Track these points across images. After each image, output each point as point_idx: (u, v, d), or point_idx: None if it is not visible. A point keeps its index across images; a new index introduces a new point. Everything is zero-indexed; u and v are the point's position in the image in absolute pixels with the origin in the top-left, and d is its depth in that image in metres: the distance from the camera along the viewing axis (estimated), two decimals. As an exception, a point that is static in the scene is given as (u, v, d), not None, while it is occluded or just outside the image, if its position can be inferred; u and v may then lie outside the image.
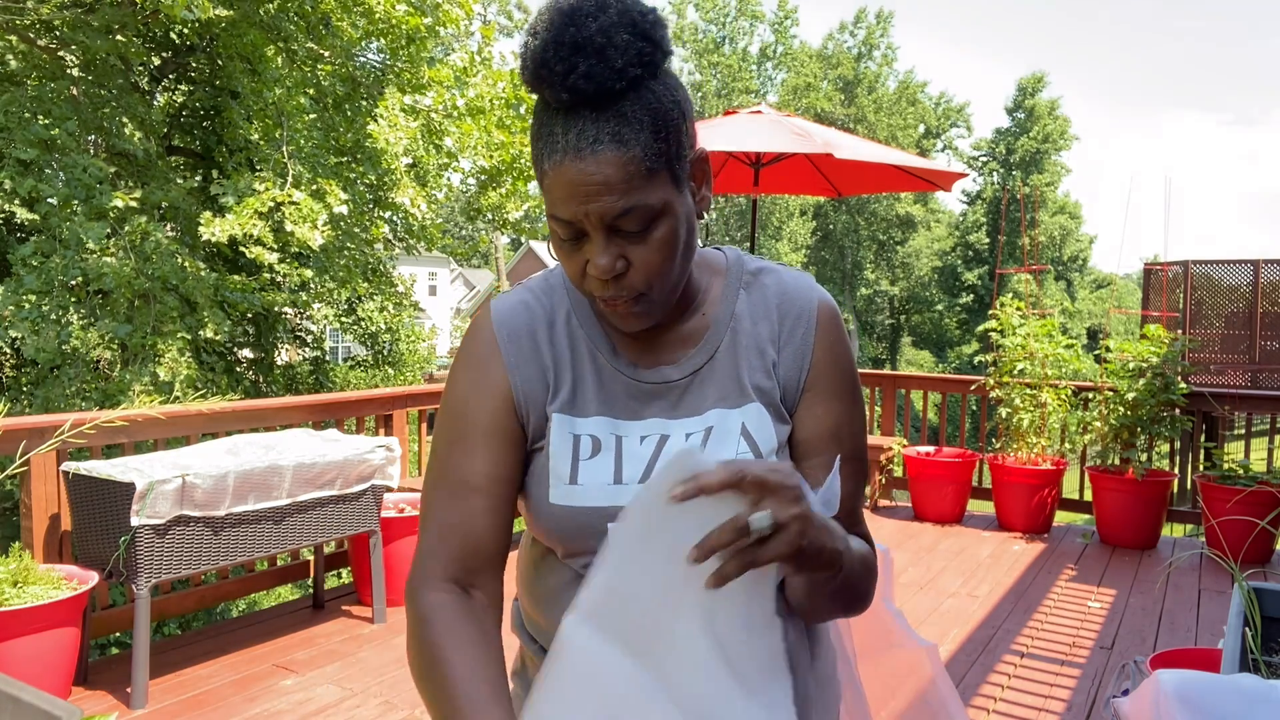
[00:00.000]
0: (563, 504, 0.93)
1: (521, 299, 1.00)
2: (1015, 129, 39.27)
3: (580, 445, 0.94)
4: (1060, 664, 3.48)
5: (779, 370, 0.98)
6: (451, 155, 9.50)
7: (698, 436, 0.94)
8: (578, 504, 0.92)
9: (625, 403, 0.96)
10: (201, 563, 3.06)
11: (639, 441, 0.94)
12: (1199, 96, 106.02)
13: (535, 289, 1.01)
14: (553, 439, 0.94)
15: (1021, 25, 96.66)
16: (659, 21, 0.83)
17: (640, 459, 0.93)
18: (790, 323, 0.98)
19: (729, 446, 0.94)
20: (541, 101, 0.85)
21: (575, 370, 0.97)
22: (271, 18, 7.74)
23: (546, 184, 0.85)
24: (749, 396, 0.96)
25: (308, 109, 8.04)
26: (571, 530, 0.93)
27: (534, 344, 0.97)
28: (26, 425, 3.10)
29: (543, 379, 0.96)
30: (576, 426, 0.95)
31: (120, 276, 6.82)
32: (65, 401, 7.20)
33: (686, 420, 0.95)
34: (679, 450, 0.78)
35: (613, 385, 0.96)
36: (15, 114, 6.91)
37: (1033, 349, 5.58)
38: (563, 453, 0.94)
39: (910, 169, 5.61)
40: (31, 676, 2.67)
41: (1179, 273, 9.11)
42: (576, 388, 0.96)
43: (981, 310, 35.26)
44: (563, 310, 0.99)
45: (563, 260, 0.90)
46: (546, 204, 0.87)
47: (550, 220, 0.87)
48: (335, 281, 8.95)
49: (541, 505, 0.94)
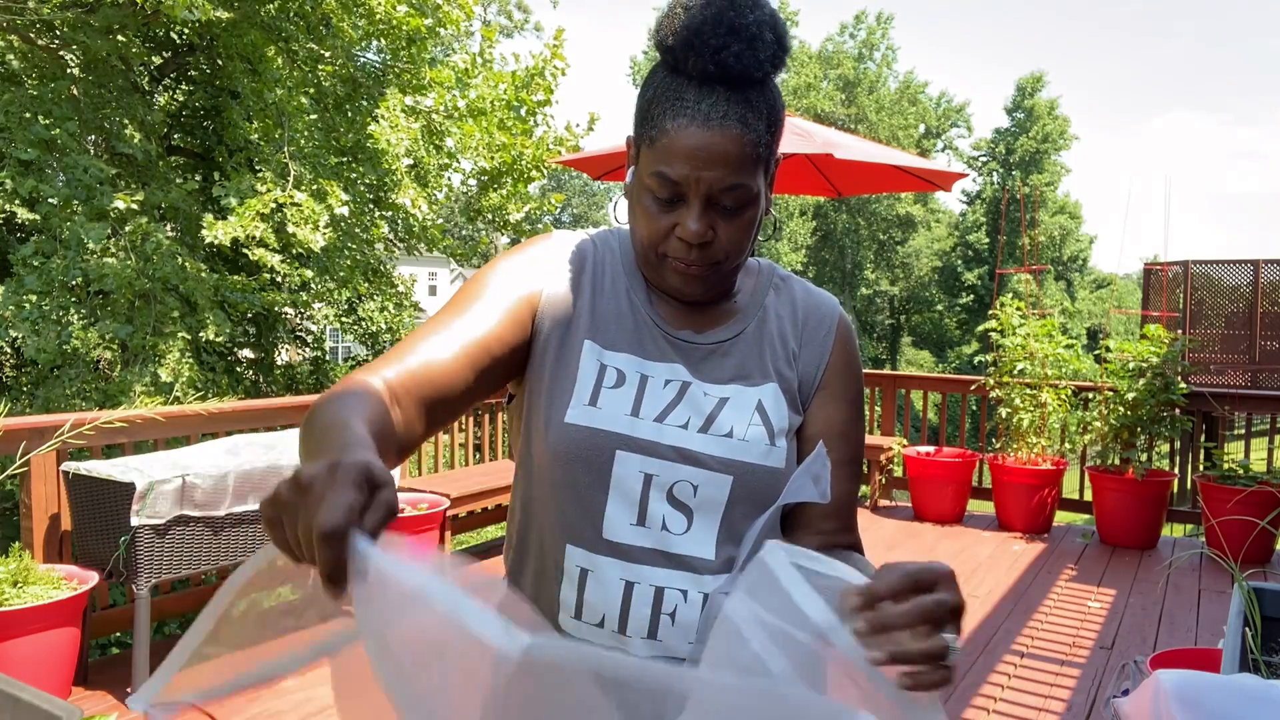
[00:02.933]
0: (578, 423, 0.93)
1: (582, 236, 1.06)
2: (1015, 129, 39.26)
3: (605, 374, 0.96)
4: (1060, 664, 3.48)
5: (799, 363, 1.04)
6: (452, 156, 9.50)
7: (714, 399, 0.98)
8: (593, 425, 0.93)
9: (653, 346, 0.99)
10: (201, 563, 3.06)
11: (663, 384, 0.97)
12: (1199, 96, 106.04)
13: (593, 236, 1.06)
14: (582, 364, 0.96)
15: (1021, 25, 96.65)
16: (788, 30, 0.92)
17: (661, 399, 0.96)
18: (814, 324, 1.06)
19: (743, 419, 0.97)
20: (669, 66, 0.91)
21: (615, 308, 1.00)
22: (272, 18, 7.75)
23: (663, 142, 0.90)
24: (769, 377, 1.01)
25: (308, 109, 8.04)
26: (578, 449, 0.93)
27: (581, 271, 1.01)
28: (27, 425, 3.10)
29: (575, 304, 0.99)
30: (605, 357, 0.97)
31: (121, 277, 6.82)
32: (66, 402, 7.20)
33: (707, 384, 0.99)
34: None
35: (644, 330, 1.00)
36: (16, 114, 6.91)
37: (1033, 349, 5.58)
38: (589, 378, 0.95)
39: (910, 169, 5.61)
40: (31, 676, 2.67)
41: (1179, 273, 9.11)
42: (612, 323, 0.99)
43: (981, 310, 35.25)
44: (612, 259, 1.04)
45: (644, 218, 0.94)
46: (651, 160, 0.91)
47: (650, 177, 0.91)
48: (336, 282, 8.95)
49: (554, 421, 0.94)
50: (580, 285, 1.00)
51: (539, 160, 9.50)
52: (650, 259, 0.96)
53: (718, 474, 0.95)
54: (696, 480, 0.94)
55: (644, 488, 0.94)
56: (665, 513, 0.94)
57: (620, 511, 0.93)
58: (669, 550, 0.94)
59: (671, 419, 0.95)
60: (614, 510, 0.93)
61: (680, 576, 0.94)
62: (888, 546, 5.13)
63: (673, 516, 0.94)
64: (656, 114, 0.90)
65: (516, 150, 9.32)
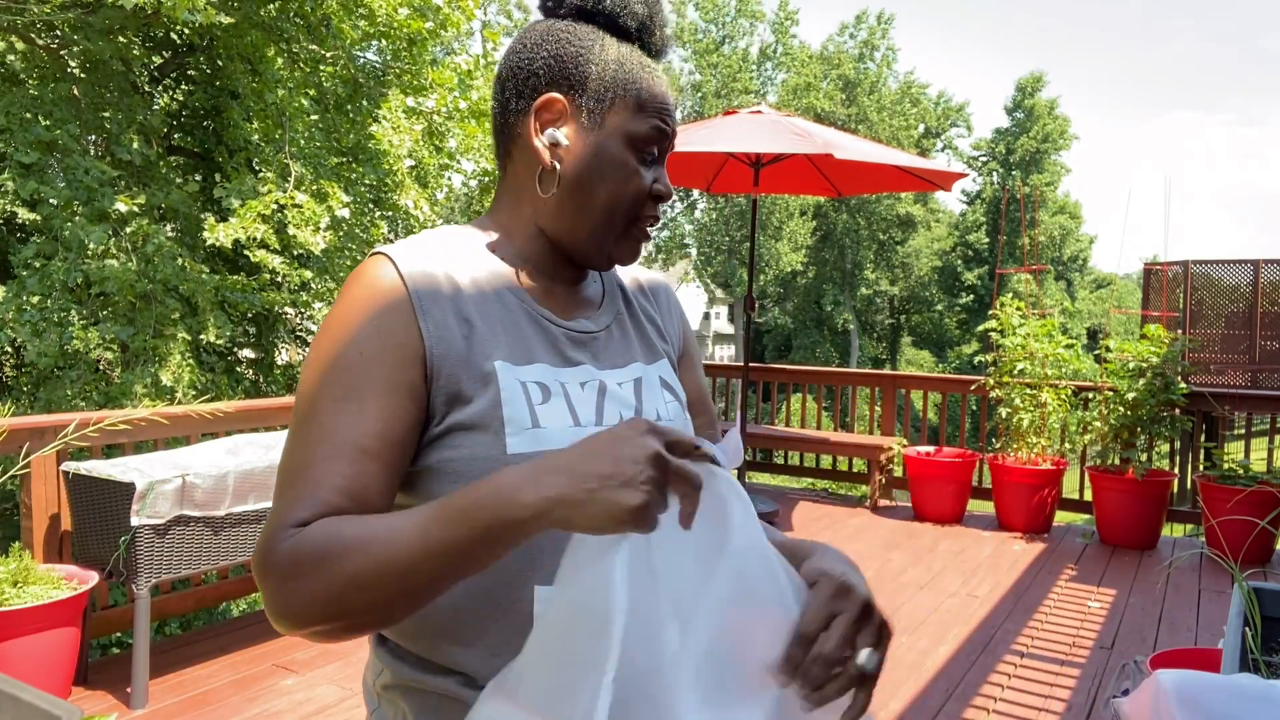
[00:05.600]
0: (527, 450, 0.84)
1: (420, 249, 0.90)
2: (1015, 129, 39.26)
3: (530, 391, 0.87)
4: (1060, 664, 3.48)
5: (667, 334, 1.07)
6: (452, 156, 9.50)
7: (629, 386, 0.96)
8: (544, 448, 0.84)
9: (558, 351, 0.93)
10: (201, 562, 3.06)
11: (580, 387, 0.92)
12: (1199, 96, 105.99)
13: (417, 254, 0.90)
14: (504, 389, 0.86)
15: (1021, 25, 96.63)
16: None
17: (588, 403, 0.91)
18: (662, 295, 1.10)
19: (656, 396, 0.98)
20: (616, 34, 0.95)
21: (504, 318, 0.90)
22: (273, 19, 7.74)
23: (647, 99, 0.93)
24: (658, 354, 1.03)
25: (309, 110, 8.04)
26: None
27: (451, 291, 0.88)
28: (27, 425, 3.10)
29: (462, 327, 0.87)
30: (520, 374, 0.88)
31: (122, 279, 6.82)
32: (67, 403, 7.20)
33: (613, 371, 0.96)
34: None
35: (546, 334, 0.93)
36: (16, 115, 6.91)
37: (1033, 349, 5.58)
38: (516, 400, 0.86)
39: (910, 169, 5.61)
40: (31, 676, 2.67)
41: (1179, 273, 9.11)
42: (509, 336, 0.90)
43: (981, 310, 35.25)
44: (473, 261, 0.92)
45: (629, 178, 0.92)
46: (637, 118, 0.92)
47: (638, 135, 0.92)
48: (336, 282, 8.95)
49: (496, 462, 0.83)
50: (457, 299, 0.88)
51: (539, 160, 9.50)
52: (618, 224, 0.93)
53: None
54: None
55: None
56: None
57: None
58: None
59: (607, 417, 0.92)
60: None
61: None
62: (887, 547, 5.13)
63: None
64: (630, 74, 0.92)
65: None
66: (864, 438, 6.44)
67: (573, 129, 0.92)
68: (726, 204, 35.14)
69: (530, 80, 0.92)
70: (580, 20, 0.94)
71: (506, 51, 0.96)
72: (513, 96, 0.94)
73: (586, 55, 0.91)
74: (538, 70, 0.92)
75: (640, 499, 0.65)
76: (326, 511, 0.77)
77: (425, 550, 0.70)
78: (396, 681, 0.88)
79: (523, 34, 0.96)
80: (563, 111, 0.91)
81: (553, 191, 0.92)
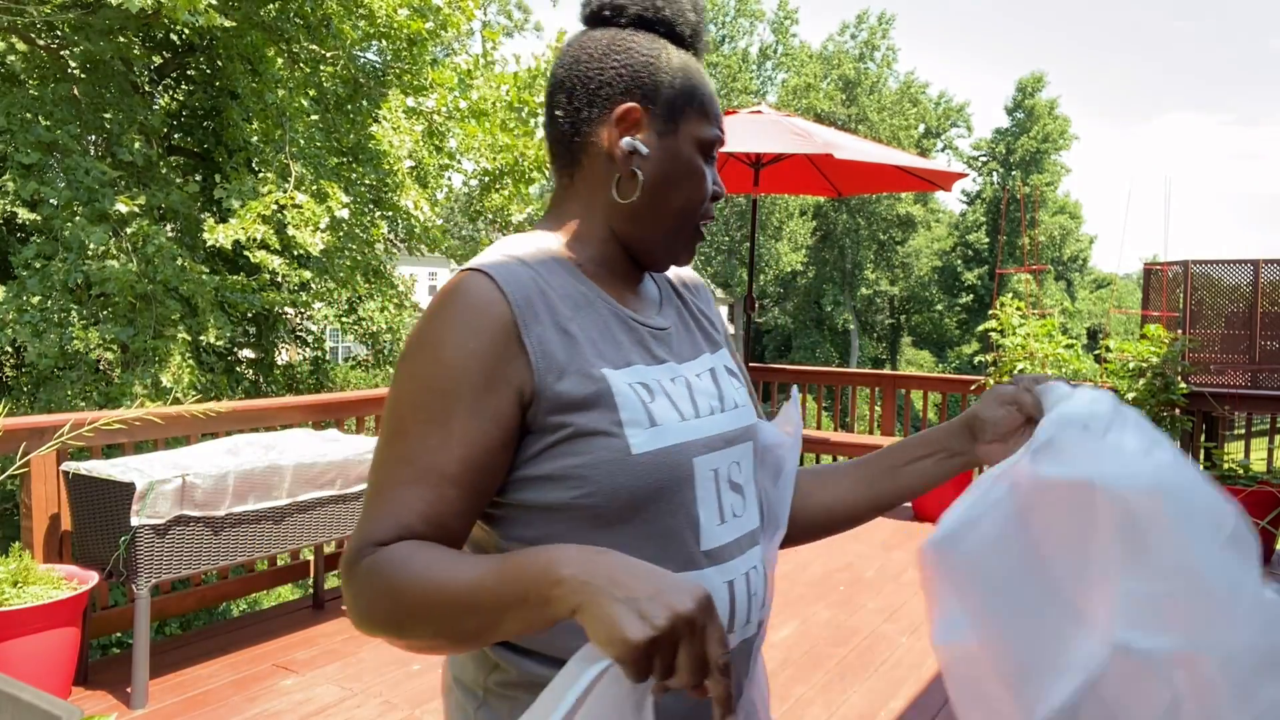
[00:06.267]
0: (650, 449, 0.87)
1: (510, 262, 0.91)
2: (1015, 129, 39.27)
3: (638, 391, 0.90)
4: (1060, 664, 3.47)
5: (713, 325, 1.10)
6: (452, 156, 9.50)
7: (706, 376, 1.00)
8: (666, 444, 0.88)
9: (646, 349, 0.95)
10: (201, 563, 3.06)
11: (671, 382, 0.94)
12: (1199, 96, 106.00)
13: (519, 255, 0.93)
14: (617, 393, 0.88)
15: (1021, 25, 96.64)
16: None
17: (683, 397, 0.94)
18: (704, 292, 1.13)
19: (728, 383, 1.02)
20: (673, 40, 0.98)
21: (599, 324, 0.92)
22: (273, 19, 7.74)
23: (708, 107, 0.97)
24: (718, 343, 1.07)
25: (309, 110, 8.03)
26: (662, 473, 0.88)
27: (547, 303, 0.89)
28: (27, 425, 3.10)
29: (564, 338, 0.88)
30: (625, 376, 0.90)
31: (122, 280, 6.82)
32: (67, 403, 7.20)
33: (689, 364, 0.99)
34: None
35: (634, 334, 0.95)
36: (17, 115, 6.91)
37: (1033, 349, 5.58)
38: (630, 402, 0.88)
39: (910, 169, 5.61)
40: (31, 676, 2.67)
41: (1179, 273, 9.11)
42: (607, 342, 0.92)
43: (981, 310, 35.25)
44: (552, 274, 0.93)
45: (698, 182, 0.96)
46: (702, 124, 0.96)
47: (701, 140, 0.96)
48: (336, 282, 8.95)
49: (622, 464, 0.86)
50: (559, 323, 0.89)
51: (540, 161, 9.51)
52: (687, 228, 0.98)
53: (745, 445, 0.99)
54: (738, 458, 0.98)
55: (715, 484, 0.94)
56: (731, 500, 0.96)
57: (710, 516, 0.92)
58: (742, 533, 0.96)
59: (701, 409, 0.95)
60: (705, 517, 0.92)
61: (752, 553, 0.97)
62: (887, 547, 5.13)
63: (735, 501, 0.96)
64: (695, 81, 0.96)
65: (518, 151, 9.32)
66: (864, 438, 6.43)
67: (649, 136, 0.94)
68: (726, 204, 35.14)
69: (603, 90, 0.94)
70: (640, 29, 0.96)
71: (567, 61, 0.96)
72: (583, 105, 0.94)
73: (656, 64, 0.94)
74: (610, 80, 0.94)
75: (642, 634, 0.63)
76: (405, 535, 0.81)
77: (473, 603, 0.74)
78: (521, 678, 0.89)
79: (582, 44, 0.96)
80: (639, 120, 0.94)
81: (634, 197, 0.94)
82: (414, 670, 3.31)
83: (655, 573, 0.68)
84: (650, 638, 0.63)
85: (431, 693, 3.12)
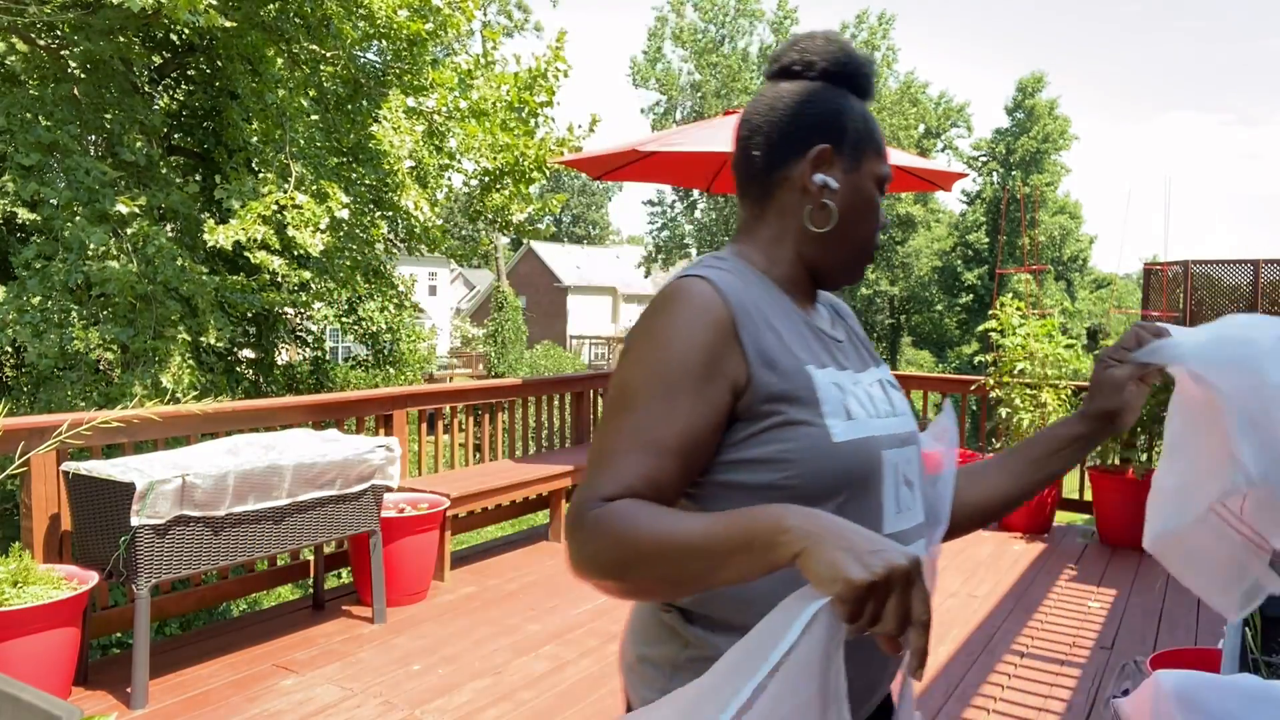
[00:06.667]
0: (849, 438, 1.00)
1: (726, 272, 1.06)
2: (1015, 129, 39.23)
3: (834, 390, 1.03)
4: (1060, 664, 3.48)
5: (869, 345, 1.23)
6: (452, 156, 9.49)
7: (876, 387, 1.12)
8: (862, 435, 1.02)
9: (832, 357, 1.09)
10: (201, 563, 3.06)
11: (853, 385, 1.08)
12: (1199, 96, 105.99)
13: (728, 268, 1.07)
14: (819, 386, 1.02)
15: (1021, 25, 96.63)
16: None
17: (870, 398, 1.08)
18: (851, 316, 1.26)
19: (894, 395, 1.15)
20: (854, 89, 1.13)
21: (795, 330, 1.07)
22: (273, 19, 7.74)
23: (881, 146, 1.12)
24: (877, 360, 1.20)
25: (309, 110, 8.02)
26: (857, 462, 1.01)
27: (757, 309, 1.03)
28: (26, 425, 3.10)
29: (774, 338, 1.03)
30: (825, 376, 1.04)
31: (122, 280, 6.81)
32: (67, 404, 7.19)
33: (862, 374, 1.12)
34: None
35: (822, 343, 1.10)
36: (17, 116, 6.90)
37: (1033, 349, 5.58)
38: (830, 396, 1.02)
39: (910, 169, 5.60)
40: (31, 676, 2.67)
41: (1179, 273, 9.11)
42: (803, 345, 1.06)
43: (981, 310, 35.23)
44: (752, 285, 1.07)
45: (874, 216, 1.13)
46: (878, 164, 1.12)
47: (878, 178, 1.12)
48: (336, 282, 8.95)
49: (825, 450, 0.99)
50: (769, 325, 1.04)
51: (540, 161, 9.50)
52: (865, 254, 1.13)
53: (914, 447, 1.12)
54: (910, 457, 1.10)
55: (894, 479, 1.06)
56: (904, 495, 1.08)
57: (890, 505, 1.04)
58: (910, 525, 1.08)
59: (882, 410, 1.08)
60: (887, 506, 1.04)
61: (918, 544, 1.09)
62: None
63: (907, 495, 1.08)
64: (872, 127, 1.12)
65: (519, 151, 9.31)
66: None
67: (838, 173, 1.10)
68: (726, 204, 35.14)
69: (799, 133, 1.09)
70: (827, 81, 1.12)
71: (763, 109, 1.12)
72: (780, 146, 1.10)
73: (843, 111, 1.10)
74: (805, 125, 1.09)
75: (862, 575, 0.72)
76: (628, 494, 0.92)
77: (701, 549, 0.83)
78: (714, 653, 0.96)
79: (776, 94, 1.12)
80: (830, 159, 1.09)
81: (826, 227, 1.09)
82: (414, 670, 3.31)
83: (872, 534, 0.77)
84: (869, 581, 0.72)
85: (432, 693, 3.12)
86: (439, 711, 2.99)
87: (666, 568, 0.85)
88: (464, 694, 3.12)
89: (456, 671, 3.31)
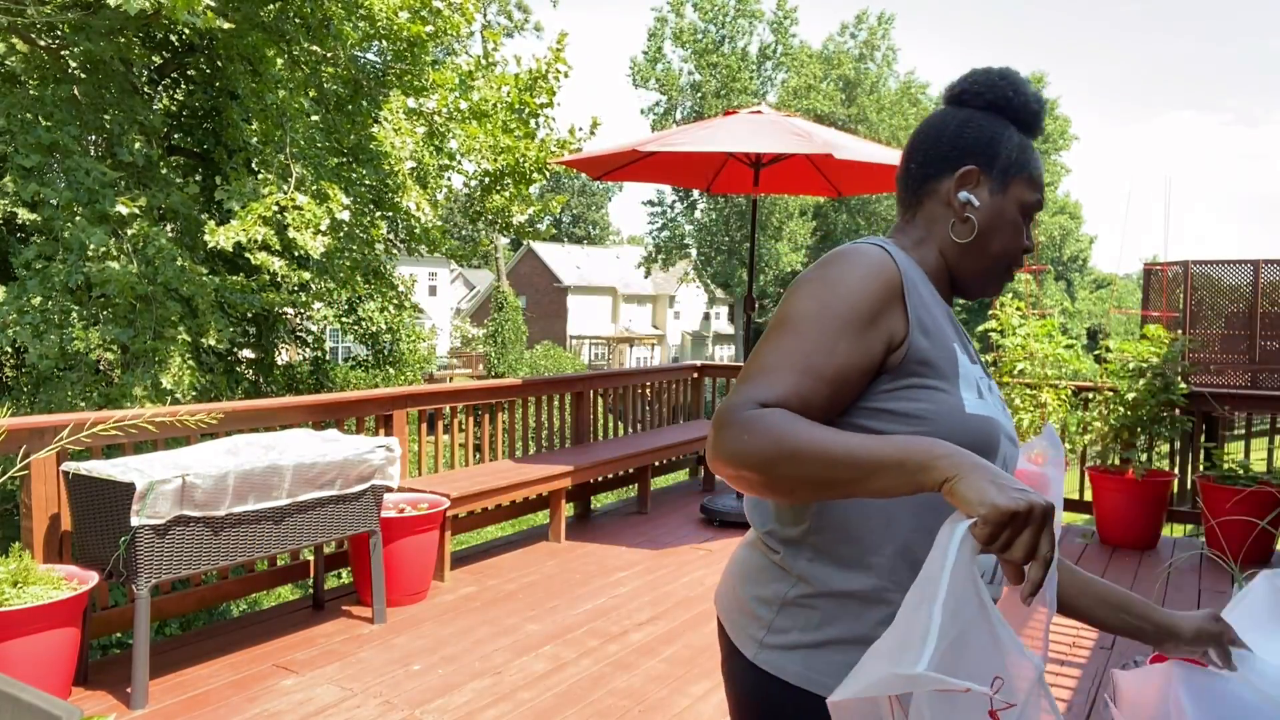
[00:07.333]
0: (979, 413, 1.11)
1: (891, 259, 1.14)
2: (1015, 129, 39.21)
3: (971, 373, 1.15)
4: (1060, 664, 3.48)
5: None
6: (452, 157, 9.49)
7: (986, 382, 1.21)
8: (989, 414, 1.12)
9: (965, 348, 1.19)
10: (201, 563, 3.06)
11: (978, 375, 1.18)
12: (1199, 96, 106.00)
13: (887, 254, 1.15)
14: (960, 364, 1.13)
15: (1022, 25, 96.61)
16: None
17: (991, 389, 1.19)
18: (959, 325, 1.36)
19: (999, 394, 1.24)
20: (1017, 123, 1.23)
21: (946, 313, 1.19)
22: (273, 20, 7.73)
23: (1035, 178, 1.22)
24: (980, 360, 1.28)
25: (309, 111, 8.02)
26: (983, 435, 1.10)
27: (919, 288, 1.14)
28: (27, 426, 3.10)
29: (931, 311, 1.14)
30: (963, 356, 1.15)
31: (123, 281, 6.81)
32: (67, 405, 7.19)
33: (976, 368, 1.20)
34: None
35: (959, 333, 1.20)
36: (17, 116, 6.90)
37: (1032, 349, 5.58)
38: (969, 376, 1.13)
39: (910, 169, 5.59)
40: (31, 676, 2.67)
41: (1179, 273, 9.11)
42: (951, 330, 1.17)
43: (981, 310, 35.22)
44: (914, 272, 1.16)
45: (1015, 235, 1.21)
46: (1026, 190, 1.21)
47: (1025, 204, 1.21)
48: (335, 282, 8.94)
49: (958, 416, 1.09)
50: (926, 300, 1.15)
51: (541, 162, 9.49)
52: (1000, 269, 1.22)
53: (1017, 449, 1.20)
54: (1014, 455, 1.19)
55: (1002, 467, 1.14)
56: None
57: None
58: None
59: (999, 405, 1.18)
60: None
61: None
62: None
63: None
64: (1028, 157, 1.21)
65: (519, 152, 9.31)
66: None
67: (982, 193, 1.20)
68: (726, 204, 35.14)
69: (952, 153, 1.21)
70: (992, 112, 1.23)
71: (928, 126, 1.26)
72: (934, 162, 1.22)
73: (998, 140, 1.21)
74: (959, 146, 1.21)
75: (1007, 502, 0.81)
76: (781, 404, 1.00)
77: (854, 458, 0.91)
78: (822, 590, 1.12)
79: (942, 117, 1.25)
80: (976, 179, 1.20)
81: (966, 239, 1.20)
82: (414, 670, 3.31)
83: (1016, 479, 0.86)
84: (1013, 510, 0.81)
85: (432, 693, 3.12)
86: (439, 711, 2.99)
87: (817, 469, 0.92)
88: (464, 694, 3.13)
89: (456, 671, 3.32)
